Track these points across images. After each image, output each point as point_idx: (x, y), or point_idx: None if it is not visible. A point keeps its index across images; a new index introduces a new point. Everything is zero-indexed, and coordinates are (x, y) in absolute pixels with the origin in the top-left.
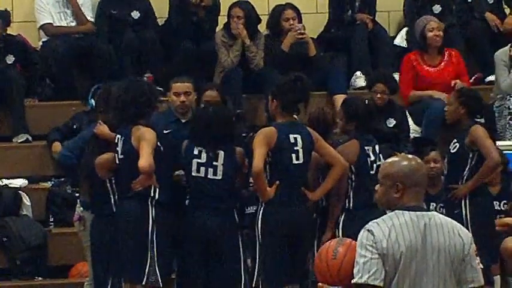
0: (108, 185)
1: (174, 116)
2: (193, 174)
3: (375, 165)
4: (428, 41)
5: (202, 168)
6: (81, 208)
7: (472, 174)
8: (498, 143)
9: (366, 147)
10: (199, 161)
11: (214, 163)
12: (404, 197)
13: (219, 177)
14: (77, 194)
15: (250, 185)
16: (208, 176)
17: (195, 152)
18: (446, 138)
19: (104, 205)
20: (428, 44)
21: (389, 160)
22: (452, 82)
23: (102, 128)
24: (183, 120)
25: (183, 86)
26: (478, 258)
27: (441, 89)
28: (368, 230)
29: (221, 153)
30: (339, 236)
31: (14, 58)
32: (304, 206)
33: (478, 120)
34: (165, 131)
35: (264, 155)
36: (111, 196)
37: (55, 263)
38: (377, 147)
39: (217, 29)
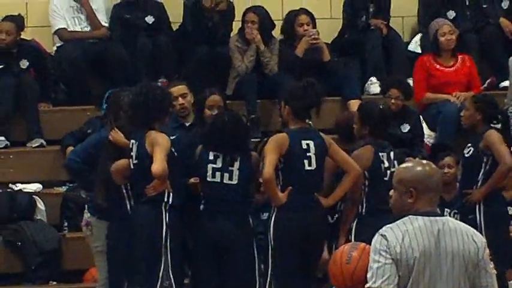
0: (124, 190)
1: (177, 121)
2: (208, 179)
3: (388, 171)
4: (441, 45)
5: (218, 173)
6: (89, 214)
7: (486, 179)
8: None
9: (380, 153)
10: (214, 166)
11: (230, 168)
12: (418, 202)
13: (234, 182)
14: (87, 198)
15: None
16: (224, 181)
17: (210, 157)
18: (462, 142)
19: (119, 210)
20: (441, 47)
21: (403, 165)
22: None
23: (116, 135)
24: (187, 124)
25: (178, 89)
26: (491, 263)
27: (455, 89)
28: (382, 235)
29: (237, 158)
30: (351, 241)
31: (28, 63)
32: (317, 212)
33: (494, 126)
34: (171, 137)
35: (275, 162)
36: (127, 201)
37: (69, 268)
38: (392, 153)
39: (232, 34)
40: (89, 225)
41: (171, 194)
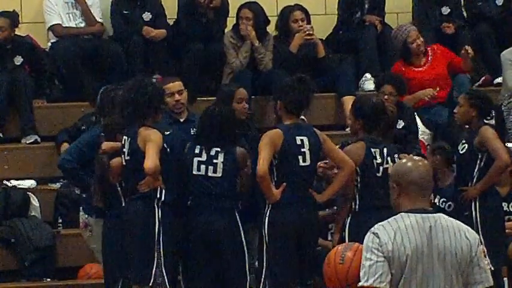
0: (119, 188)
1: (171, 117)
2: (194, 172)
3: (381, 167)
4: (413, 51)
5: (203, 167)
6: (86, 215)
7: (481, 176)
8: (508, 144)
9: (372, 149)
10: (199, 159)
11: (214, 161)
12: (402, 198)
13: (219, 174)
14: (82, 199)
15: None
16: (209, 174)
17: (196, 150)
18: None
19: (115, 208)
20: (414, 53)
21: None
22: (466, 47)
23: (107, 146)
24: (182, 120)
25: (175, 86)
26: (487, 259)
27: (440, 81)
28: (373, 233)
29: (221, 151)
30: (345, 238)
31: (22, 59)
32: (312, 208)
33: (488, 121)
34: (166, 133)
35: (269, 158)
36: (123, 199)
37: (63, 264)
38: (385, 149)
39: (226, 30)
40: (88, 225)
41: (163, 190)
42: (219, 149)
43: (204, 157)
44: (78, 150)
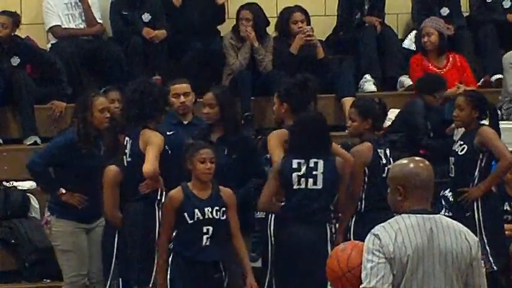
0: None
1: (176, 118)
2: (294, 187)
3: (386, 168)
4: (422, 45)
5: (303, 180)
6: (48, 213)
7: (482, 176)
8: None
9: (378, 150)
10: (298, 173)
11: (314, 172)
12: (407, 200)
13: (319, 186)
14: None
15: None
16: (309, 187)
17: (294, 165)
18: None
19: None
20: (424, 47)
21: (395, 163)
22: (456, 87)
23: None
24: (185, 122)
25: (181, 87)
26: (490, 259)
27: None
28: (374, 235)
29: (320, 161)
30: (350, 239)
31: (19, 60)
32: None
33: (483, 121)
34: (168, 132)
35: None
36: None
37: None
38: (388, 150)
39: (226, 32)
40: (48, 223)
41: (164, 191)
42: (317, 160)
43: (303, 171)
44: (49, 153)
